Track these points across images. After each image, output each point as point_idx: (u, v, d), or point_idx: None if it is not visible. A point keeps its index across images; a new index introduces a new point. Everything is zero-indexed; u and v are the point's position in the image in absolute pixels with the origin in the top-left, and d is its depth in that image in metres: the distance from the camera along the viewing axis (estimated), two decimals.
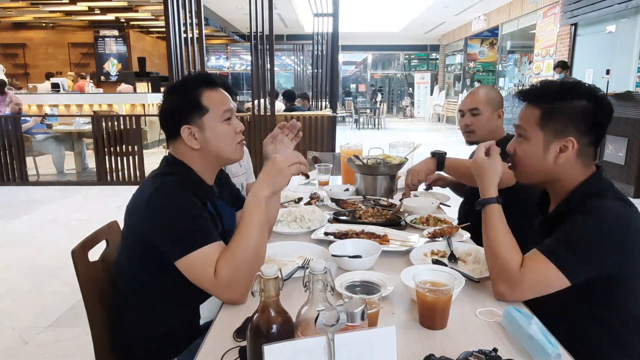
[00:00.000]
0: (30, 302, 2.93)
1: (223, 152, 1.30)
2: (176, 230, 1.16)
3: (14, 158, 6.11)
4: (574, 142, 1.15)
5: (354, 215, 1.87)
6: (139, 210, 1.21)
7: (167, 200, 1.18)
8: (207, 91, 1.28)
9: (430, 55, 20.25)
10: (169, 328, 1.26)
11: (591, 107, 1.15)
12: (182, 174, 1.27)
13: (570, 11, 8.38)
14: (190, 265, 1.14)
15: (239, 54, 20.04)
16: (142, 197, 1.22)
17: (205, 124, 1.26)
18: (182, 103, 1.27)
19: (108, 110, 8.95)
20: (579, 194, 1.18)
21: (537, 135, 1.19)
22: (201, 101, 1.26)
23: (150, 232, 1.18)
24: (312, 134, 6.08)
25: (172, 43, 5.20)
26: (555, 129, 1.17)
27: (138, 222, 1.22)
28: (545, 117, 1.18)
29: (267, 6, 5.82)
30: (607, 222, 1.09)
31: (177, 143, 1.29)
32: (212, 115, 1.27)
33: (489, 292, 1.22)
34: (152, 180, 1.25)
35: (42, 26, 13.52)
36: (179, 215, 1.17)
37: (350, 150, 2.50)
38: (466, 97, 2.04)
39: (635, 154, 5.20)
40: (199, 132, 1.26)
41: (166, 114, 1.30)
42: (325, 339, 0.70)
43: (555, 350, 0.91)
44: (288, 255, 1.48)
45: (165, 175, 1.26)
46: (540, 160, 1.20)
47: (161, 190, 1.20)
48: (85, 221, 4.54)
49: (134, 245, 1.25)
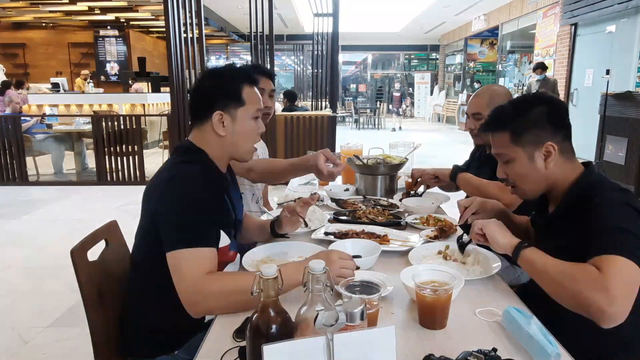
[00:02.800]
0: (30, 302, 2.93)
1: (242, 146, 1.35)
2: (182, 221, 1.17)
3: (13, 158, 6.10)
4: (552, 145, 1.21)
5: (354, 215, 1.87)
6: (157, 193, 1.23)
7: (186, 190, 1.20)
8: (247, 86, 1.32)
9: (430, 55, 20.25)
10: (172, 321, 1.25)
11: (546, 109, 1.23)
12: (202, 162, 1.30)
13: (570, 11, 8.37)
14: (180, 260, 1.14)
15: (239, 54, 20.03)
16: (161, 182, 1.25)
17: (238, 116, 1.30)
18: (222, 89, 1.31)
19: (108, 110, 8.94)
20: (575, 191, 1.21)
21: (519, 153, 1.25)
22: (242, 94, 1.30)
23: (161, 214, 1.20)
24: (312, 134, 6.08)
25: (172, 43, 5.20)
26: (530, 140, 1.23)
27: (155, 203, 1.23)
28: (515, 135, 1.24)
29: (267, 6, 5.83)
30: (621, 205, 1.11)
31: (203, 127, 1.31)
32: (246, 110, 1.31)
33: (488, 292, 1.22)
34: (174, 167, 1.28)
35: (42, 26, 13.53)
36: (191, 208, 1.18)
37: (350, 150, 2.50)
38: (471, 100, 2.01)
39: (635, 154, 5.20)
40: (229, 121, 1.30)
41: (203, 95, 1.33)
42: (324, 339, 0.70)
43: (555, 350, 0.91)
44: (288, 256, 1.48)
45: (188, 164, 1.28)
46: (534, 172, 1.24)
47: (184, 179, 1.22)
48: (85, 221, 4.54)
49: (148, 228, 1.26)
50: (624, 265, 1.01)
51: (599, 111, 5.83)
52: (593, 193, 1.16)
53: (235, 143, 1.32)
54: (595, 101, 5.92)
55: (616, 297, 0.98)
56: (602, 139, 5.73)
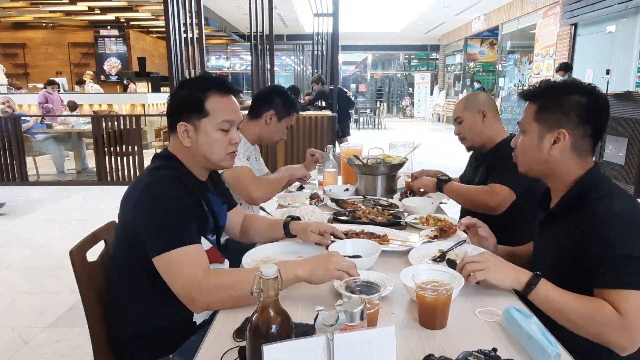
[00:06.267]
0: (30, 302, 2.93)
1: (211, 157, 1.32)
2: (162, 225, 1.16)
3: (14, 158, 6.10)
4: (566, 134, 1.20)
5: (354, 215, 1.87)
6: (132, 202, 1.22)
7: (160, 194, 1.20)
8: (214, 96, 1.29)
9: (430, 55, 20.24)
10: (163, 325, 1.26)
11: (585, 101, 1.20)
12: (176, 168, 1.29)
13: (570, 11, 8.37)
14: (170, 263, 1.14)
15: (239, 54, 20.03)
16: (136, 189, 1.24)
17: (201, 127, 1.29)
18: (186, 100, 1.30)
19: (108, 110, 8.95)
20: (578, 188, 1.20)
21: (533, 128, 1.26)
22: (204, 104, 1.28)
23: (139, 224, 1.19)
24: (312, 134, 6.08)
25: (172, 43, 5.20)
26: (549, 121, 1.22)
27: (130, 214, 1.22)
28: (540, 111, 1.25)
29: (267, 6, 5.83)
30: (626, 223, 1.09)
31: (174, 136, 1.32)
32: (210, 121, 1.29)
33: (488, 292, 1.22)
34: (148, 173, 1.27)
35: (42, 26, 13.53)
36: (168, 210, 1.18)
37: (350, 150, 2.50)
38: None
39: (635, 154, 5.20)
40: (193, 132, 1.29)
41: (171, 106, 1.33)
42: (324, 338, 0.70)
43: (555, 350, 0.90)
44: (287, 255, 1.48)
45: (161, 169, 1.27)
46: (535, 150, 1.25)
47: (156, 184, 1.21)
48: (85, 221, 4.54)
49: (125, 238, 1.26)
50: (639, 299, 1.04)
51: None
52: (594, 195, 1.15)
53: (201, 153, 1.31)
54: None
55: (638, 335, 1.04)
56: (602, 139, 5.73)
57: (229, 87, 1.33)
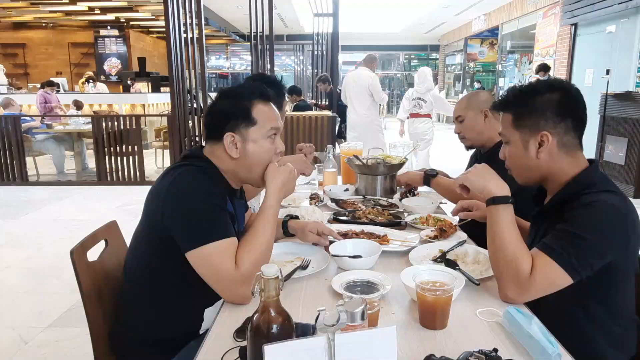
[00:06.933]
0: (30, 302, 2.93)
1: (258, 168, 1.29)
2: (195, 218, 1.14)
3: (14, 158, 6.10)
4: (548, 135, 1.20)
5: (354, 215, 1.87)
6: (159, 196, 1.19)
7: (189, 186, 1.18)
8: (259, 104, 1.27)
9: (430, 55, 20.24)
10: (168, 334, 1.25)
11: (556, 97, 1.20)
12: (207, 168, 1.26)
13: (570, 11, 8.37)
14: (206, 257, 1.13)
15: (239, 54, 20.02)
16: (163, 184, 1.20)
17: (250, 136, 1.26)
18: (232, 110, 1.26)
19: (108, 110, 8.94)
20: (573, 186, 1.20)
21: (515, 137, 1.25)
22: (252, 113, 1.26)
23: (168, 218, 1.16)
24: (312, 134, 6.08)
25: (172, 43, 5.21)
26: (528, 126, 1.22)
27: (157, 209, 1.19)
28: (517, 119, 1.25)
29: (267, 6, 5.84)
30: (604, 215, 1.11)
31: (216, 146, 1.28)
32: (259, 129, 1.26)
33: (489, 292, 1.22)
34: (176, 168, 1.24)
35: (42, 26, 13.53)
36: (200, 203, 1.16)
37: (350, 150, 2.50)
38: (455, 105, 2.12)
39: (635, 154, 5.20)
40: (241, 142, 1.25)
41: (214, 116, 1.30)
42: (325, 338, 0.70)
43: (555, 351, 0.90)
44: (287, 256, 1.48)
45: (191, 165, 1.25)
46: (524, 158, 1.25)
47: (184, 176, 1.20)
48: (85, 221, 4.54)
49: (149, 235, 1.23)
50: (553, 271, 1.09)
51: (599, 111, 5.82)
52: (586, 192, 1.15)
53: (249, 163, 1.27)
54: (595, 101, 5.92)
55: (529, 296, 1.13)
56: (602, 139, 5.73)
57: (268, 95, 1.31)
